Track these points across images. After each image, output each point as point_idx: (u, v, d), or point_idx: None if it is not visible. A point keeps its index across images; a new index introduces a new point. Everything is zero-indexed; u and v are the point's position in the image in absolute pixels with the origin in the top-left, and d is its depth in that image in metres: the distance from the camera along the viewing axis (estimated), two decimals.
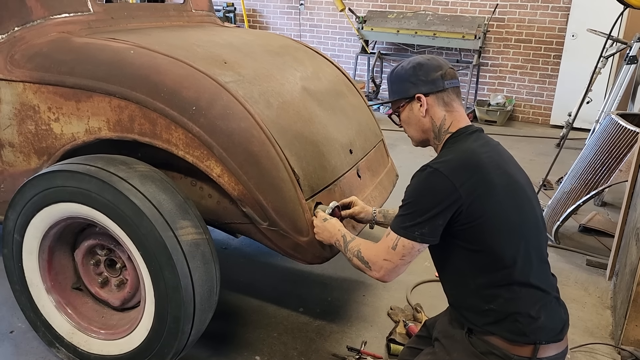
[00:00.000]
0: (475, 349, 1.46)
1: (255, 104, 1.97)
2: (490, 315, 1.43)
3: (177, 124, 1.87)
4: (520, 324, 1.40)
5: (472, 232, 1.42)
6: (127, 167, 1.83)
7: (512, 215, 1.43)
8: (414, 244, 1.43)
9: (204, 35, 2.48)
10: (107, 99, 1.93)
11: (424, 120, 1.57)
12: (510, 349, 1.42)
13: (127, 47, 2.02)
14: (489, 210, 1.40)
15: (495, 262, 1.41)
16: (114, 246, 1.94)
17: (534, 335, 1.41)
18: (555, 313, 1.46)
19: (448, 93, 1.55)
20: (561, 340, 1.46)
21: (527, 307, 1.41)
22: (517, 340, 1.41)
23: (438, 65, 1.55)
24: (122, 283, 1.98)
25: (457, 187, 1.38)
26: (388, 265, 1.49)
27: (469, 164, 1.43)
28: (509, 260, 1.41)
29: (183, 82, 1.90)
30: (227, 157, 1.85)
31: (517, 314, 1.41)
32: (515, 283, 1.42)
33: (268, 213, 1.89)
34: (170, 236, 1.73)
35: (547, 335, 1.42)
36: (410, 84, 1.55)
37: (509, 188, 1.45)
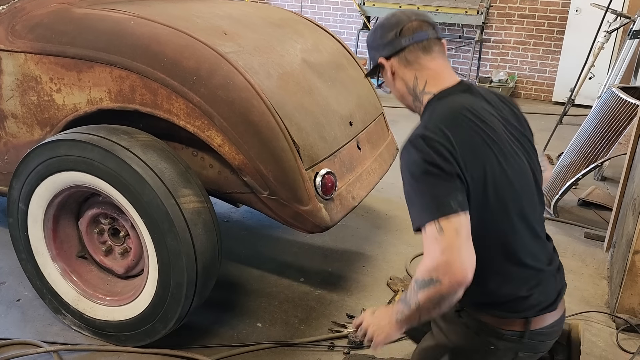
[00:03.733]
0: (468, 328, 1.39)
1: (255, 75, 1.98)
2: (478, 296, 1.33)
3: (177, 94, 1.89)
4: (510, 304, 1.33)
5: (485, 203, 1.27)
6: (129, 136, 1.86)
7: (502, 187, 1.28)
8: (458, 217, 1.17)
9: (204, 7, 2.48)
10: (108, 69, 1.94)
11: (398, 84, 1.42)
12: (502, 325, 1.34)
13: (127, 17, 2.03)
14: (475, 178, 1.24)
15: (483, 239, 1.24)
16: (117, 215, 1.97)
17: (525, 312, 1.33)
18: (549, 286, 1.37)
19: (410, 50, 1.36)
20: (555, 310, 1.38)
21: (517, 288, 1.32)
22: (507, 316, 1.34)
23: (396, 22, 1.37)
24: (125, 251, 2.02)
25: (447, 146, 1.23)
26: (448, 254, 1.15)
27: (449, 124, 1.26)
28: (496, 239, 1.29)
29: (183, 52, 1.91)
30: (227, 126, 1.87)
31: (508, 294, 1.32)
32: (505, 263, 1.31)
33: (268, 182, 1.92)
34: (173, 204, 1.77)
35: (538, 309, 1.34)
36: (374, 51, 1.43)
37: (500, 155, 1.29)
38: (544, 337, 1.39)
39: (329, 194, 2.03)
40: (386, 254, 2.82)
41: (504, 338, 1.35)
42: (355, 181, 2.27)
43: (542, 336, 1.38)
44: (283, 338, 2.14)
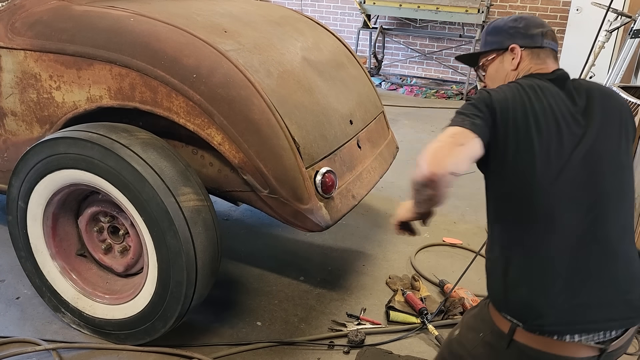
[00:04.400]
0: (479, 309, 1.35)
1: (255, 73, 1.97)
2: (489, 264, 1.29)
3: (177, 92, 1.88)
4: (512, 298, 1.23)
5: (504, 167, 1.23)
6: (129, 134, 1.85)
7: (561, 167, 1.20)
8: (462, 129, 1.18)
9: (204, 5, 2.47)
10: (108, 67, 1.94)
11: (513, 73, 1.43)
12: (494, 317, 1.27)
13: (127, 14, 2.02)
14: (526, 144, 1.20)
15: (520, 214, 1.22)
16: (116, 213, 1.97)
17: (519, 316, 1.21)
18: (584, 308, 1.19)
19: (545, 51, 1.41)
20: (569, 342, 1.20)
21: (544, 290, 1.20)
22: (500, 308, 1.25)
23: (541, 23, 1.45)
24: (125, 249, 2.01)
25: (494, 99, 1.24)
26: (434, 145, 1.16)
27: (518, 88, 1.28)
28: (537, 217, 1.21)
29: (183, 50, 1.91)
30: (227, 125, 1.87)
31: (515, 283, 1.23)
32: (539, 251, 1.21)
33: (268, 181, 1.91)
34: (172, 202, 1.76)
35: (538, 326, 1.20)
36: (508, 35, 1.44)
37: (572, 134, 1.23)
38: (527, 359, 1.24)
39: (329, 192, 2.02)
40: (386, 252, 2.81)
41: (491, 332, 1.28)
42: (355, 180, 2.27)
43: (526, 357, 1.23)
44: (283, 337, 2.14)
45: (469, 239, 2.97)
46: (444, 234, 3.02)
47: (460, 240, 2.95)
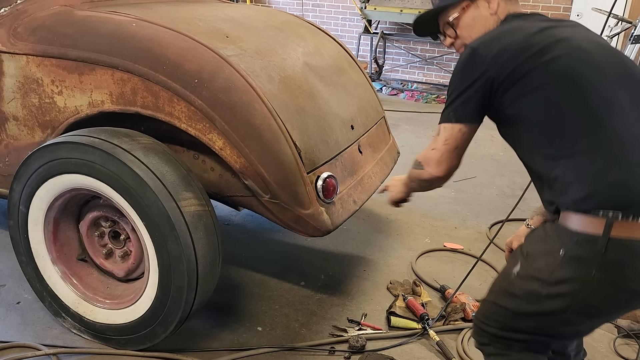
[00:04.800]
0: (545, 231, 1.28)
1: (257, 78, 1.97)
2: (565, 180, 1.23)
3: (179, 97, 1.88)
4: (596, 193, 1.17)
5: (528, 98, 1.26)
6: (131, 139, 1.85)
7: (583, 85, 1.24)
8: (452, 125, 1.36)
9: (206, 10, 2.48)
10: (110, 72, 1.94)
11: (493, 19, 1.43)
12: (577, 224, 1.17)
13: (129, 20, 2.03)
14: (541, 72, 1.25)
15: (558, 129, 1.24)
16: (117, 218, 1.96)
17: (608, 207, 1.14)
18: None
19: None
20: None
21: (606, 170, 1.18)
22: (585, 209, 1.16)
23: None
24: (126, 254, 2.01)
25: (485, 56, 1.29)
26: (434, 154, 1.42)
27: (505, 30, 1.34)
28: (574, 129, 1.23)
29: (185, 55, 1.91)
30: (229, 129, 1.87)
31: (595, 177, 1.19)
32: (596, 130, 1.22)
33: (270, 186, 1.91)
34: (174, 207, 1.76)
35: (630, 211, 1.12)
36: None
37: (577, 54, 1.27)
38: (631, 254, 1.13)
39: (330, 197, 2.02)
40: (387, 258, 2.81)
41: (577, 242, 1.16)
42: (356, 185, 2.27)
43: (629, 252, 1.12)
44: (284, 342, 2.13)
45: (470, 244, 2.97)
46: (445, 239, 3.01)
47: (462, 245, 2.95)
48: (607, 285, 1.16)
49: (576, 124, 1.23)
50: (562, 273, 1.18)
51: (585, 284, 1.16)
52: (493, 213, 3.35)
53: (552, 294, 1.20)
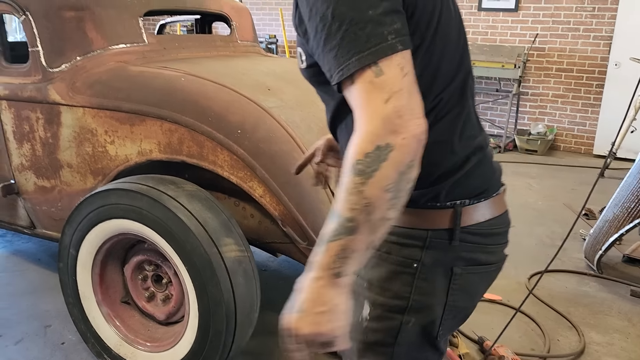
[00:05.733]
0: (385, 252, 1.02)
1: (296, 128, 2.06)
2: None
3: (223, 147, 1.98)
4: (440, 184, 0.98)
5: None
6: (176, 186, 1.94)
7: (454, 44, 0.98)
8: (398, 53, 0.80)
9: (248, 64, 2.62)
10: (159, 123, 2.06)
11: None
12: (424, 223, 1.00)
13: (178, 74, 2.16)
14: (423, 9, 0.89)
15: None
16: (161, 262, 2.04)
17: (456, 196, 0.99)
18: (488, 167, 1.05)
19: None
20: (492, 198, 1.04)
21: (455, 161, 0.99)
22: (431, 205, 0.99)
23: None
24: (167, 298, 2.07)
25: None
26: (396, 101, 0.77)
27: None
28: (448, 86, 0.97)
29: (229, 107, 2.01)
30: (269, 178, 1.94)
31: (444, 169, 0.98)
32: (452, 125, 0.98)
33: (307, 233, 1.95)
34: (215, 252, 1.82)
35: (473, 194, 1.00)
36: None
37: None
38: (482, 238, 1.02)
39: None
40: None
41: (429, 246, 0.98)
42: None
43: (479, 237, 1.01)
44: None
45: (508, 295, 2.91)
46: None
47: (500, 296, 2.89)
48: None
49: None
50: (423, 291, 1.02)
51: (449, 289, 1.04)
52: (532, 263, 3.28)
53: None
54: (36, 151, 2.35)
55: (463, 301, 1.05)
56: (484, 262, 1.04)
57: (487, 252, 1.05)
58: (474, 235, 1.01)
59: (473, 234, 1.01)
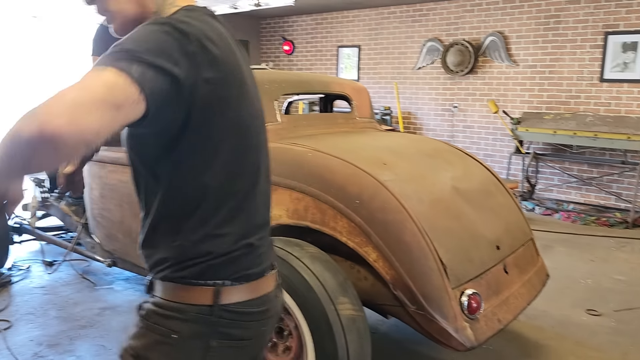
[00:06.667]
0: (147, 320, 1.14)
1: (408, 200, 2.25)
2: (169, 247, 1.14)
3: (342, 215, 2.23)
4: (203, 263, 1.11)
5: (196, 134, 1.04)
6: (300, 248, 2.21)
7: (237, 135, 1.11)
8: (127, 80, 0.89)
9: (366, 140, 2.90)
10: (289, 192, 2.37)
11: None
12: (185, 298, 1.11)
13: (305, 150, 2.49)
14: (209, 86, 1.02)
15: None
16: (283, 315, 2.28)
17: (217, 277, 1.12)
18: (253, 255, 1.18)
19: None
20: (254, 281, 1.16)
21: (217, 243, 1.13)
22: (194, 282, 1.11)
23: None
24: (287, 349, 2.29)
25: (189, 51, 0.99)
26: (76, 92, 0.86)
27: (208, 36, 1.05)
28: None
29: (349, 180, 2.28)
30: (382, 244, 2.14)
31: (205, 248, 1.13)
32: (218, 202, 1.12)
33: (416, 297, 2.10)
34: (332, 309, 2.03)
35: (233, 277, 1.13)
36: None
37: (242, 100, 1.12)
38: (238, 316, 1.13)
39: (474, 313, 2.14)
40: None
41: (189, 319, 1.09)
42: (501, 304, 2.35)
43: (236, 315, 1.12)
44: None
45: None
46: None
47: None
48: None
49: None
50: None
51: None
52: None
53: None
54: None
55: None
56: (238, 338, 1.14)
57: (242, 328, 1.14)
58: (230, 313, 1.11)
59: (230, 312, 1.11)
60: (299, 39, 9.53)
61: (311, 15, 9.24)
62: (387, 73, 8.44)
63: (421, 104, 8.11)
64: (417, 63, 8.00)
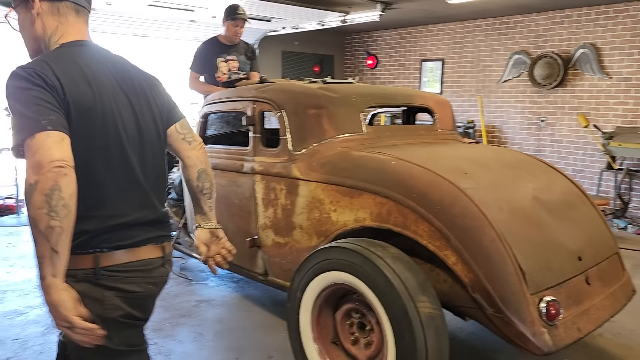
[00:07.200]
0: None
1: (488, 208, 2.35)
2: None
3: (423, 219, 2.36)
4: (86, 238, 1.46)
5: None
6: (383, 248, 2.37)
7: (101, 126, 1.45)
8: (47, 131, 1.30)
9: (448, 150, 3.02)
10: (372, 197, 2.55)
11: (36, 26, 1.51)
12: (75, 264, 1.41)
13: (389, 158, 2.65)
14: (79, 106, 1.40)
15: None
16: (366, 311, 2.45)
17: (95, 248, 1.48)
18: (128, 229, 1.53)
19: (65, 5, 1.52)
20: (132, 248, 1.53)
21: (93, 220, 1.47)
22: (79, 253, 1.44)
23: None
24: (369, 343, 2.45)
25: (49, 75, 1.36)
26: (39, 152, 1.27)
27: (56, 60, 1.42)
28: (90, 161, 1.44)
29: (431, 186, 2.42)
30: (462, 248, 2.25)
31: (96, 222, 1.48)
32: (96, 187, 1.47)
33: (494, 301, 2.19)
34: (412, 306, 2.17)
35: (110, 247, 1.49)
36: None
37: (100, 110, 1.45)
38: (122, 274, 1.49)
39: (552, 320, 2.19)
40: None
41: (80, 280, 1.43)
42: (582, 314, 2.37)
43: (120, 273, 1.49)
44: None
45: None
46: None
47: None
48: None
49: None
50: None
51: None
52: None
53: None
54: (277, 214, 3.03)
55: (116, 315, 1.49)
56: (125, 290, 1.50)
57: (127, 283, 1.51)
58: (112, 272, 1.47)
59: (111, 271, 1.47)
60: (382, 53, 9.72)
61: (395, 30, 9.41)
62: (471, 86, 8.41)
63: (506, 117, 7.99)
64: (503, 76, 7.91)
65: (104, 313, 1.46)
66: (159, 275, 1.62)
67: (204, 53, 4.62)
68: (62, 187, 1.26)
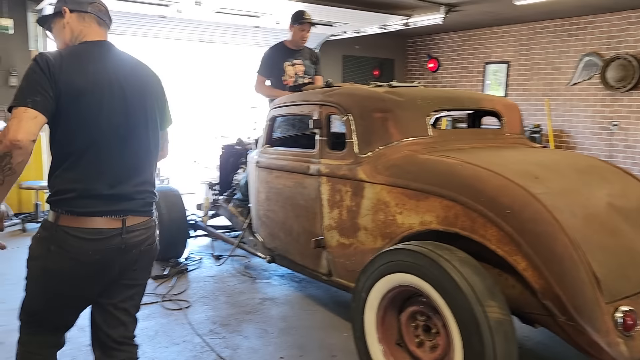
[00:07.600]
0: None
1: (560, 213, 2.30)
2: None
3: (492, 223, 2.34)
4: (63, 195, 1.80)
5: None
6: (450, 252, 2.37)
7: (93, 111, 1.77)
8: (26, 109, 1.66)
9: (517, 155, 2.96)
10: (439, 200, 2.55)
11: (66, 31, 1.91)
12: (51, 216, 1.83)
13: (456, 162, 2.64)
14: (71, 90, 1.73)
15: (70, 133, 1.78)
16: (432, 314, 2.45)
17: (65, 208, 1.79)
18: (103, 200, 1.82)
19: (89, 16, 1.91)
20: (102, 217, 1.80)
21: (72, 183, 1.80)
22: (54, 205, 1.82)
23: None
24: (434, 346, 2.45)
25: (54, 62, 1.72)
26: (11, 125, 1.65)
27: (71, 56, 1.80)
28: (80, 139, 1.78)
29: (500, 191, 2.39)
30: (532, 254, 2.22)
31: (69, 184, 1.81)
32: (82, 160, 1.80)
33: (566, 308, 2.14)
34: (480, 311, 2.15)
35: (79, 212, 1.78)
36: (62, 2, 1.92)
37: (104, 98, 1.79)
38: (71, 237, 1.76)
39: (629, 330, 2.11)
40: None
41: (45, 228, 1.80)
42: None
43: (69, 235, 1.76)
44: None
45: None
46: None
47: None
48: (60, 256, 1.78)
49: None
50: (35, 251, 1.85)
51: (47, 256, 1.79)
52: None
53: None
54: (342, 215, 3.08)
55: (57, 268, 1.79)
56: (71, 251, 1.77)
57: (75, 246, 1.76)
58: (64, 232, 1.76)
59: (64, 231, 1.76)
60: (444, 56, 9.60)
61: (458, 32, 9.27)
62: (537, 89, 8.16)
63: (575, 121, 7.70)
64: (572, 79, 7.64)
65: (44, 263, 1.81)
66: (117, 247, 1.84)
67: (271, 57, 4.75)
68: (13, 155, 1.65)
